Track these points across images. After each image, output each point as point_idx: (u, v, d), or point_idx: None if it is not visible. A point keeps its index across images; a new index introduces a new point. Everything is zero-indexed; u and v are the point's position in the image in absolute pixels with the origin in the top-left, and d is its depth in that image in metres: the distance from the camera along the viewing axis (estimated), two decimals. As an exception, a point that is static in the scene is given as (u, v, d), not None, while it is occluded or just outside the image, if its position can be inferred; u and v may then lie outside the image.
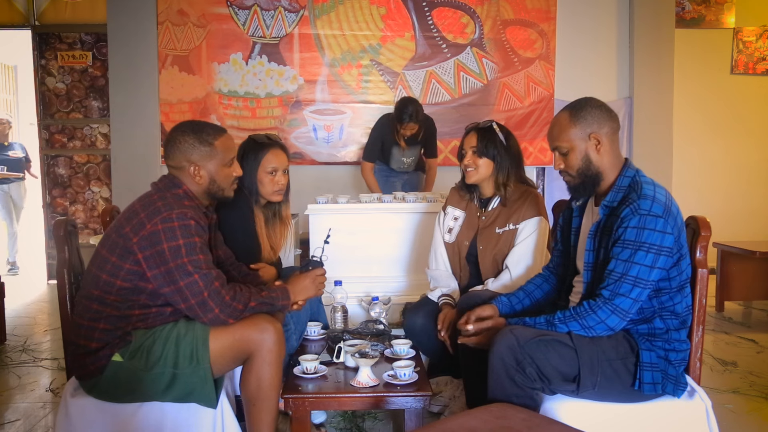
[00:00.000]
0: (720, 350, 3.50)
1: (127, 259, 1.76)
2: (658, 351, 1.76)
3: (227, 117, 5.04)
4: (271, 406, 1.87)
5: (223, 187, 1.96)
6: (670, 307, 1.77)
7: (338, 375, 2.10)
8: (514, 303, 2.11)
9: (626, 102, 5.25)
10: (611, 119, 1.84)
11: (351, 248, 3.17)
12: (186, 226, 1.76)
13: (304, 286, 2.06)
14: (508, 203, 2.41)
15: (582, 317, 1.74)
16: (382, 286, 3.12)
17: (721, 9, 5.56)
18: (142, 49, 4.98)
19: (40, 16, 5.37)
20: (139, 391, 1.80)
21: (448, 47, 5.13)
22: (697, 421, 1.78)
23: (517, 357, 1.70)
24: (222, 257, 2.18)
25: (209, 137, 1.90)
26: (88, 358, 1.79)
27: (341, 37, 5.06)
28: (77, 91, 5.43)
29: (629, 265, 1.69)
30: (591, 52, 5.30)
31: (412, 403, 1.94)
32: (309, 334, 2.47)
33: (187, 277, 1.75)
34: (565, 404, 1.76)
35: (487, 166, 2.40)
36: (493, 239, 2.42)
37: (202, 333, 1.81)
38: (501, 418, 1.45)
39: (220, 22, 5.00)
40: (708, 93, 5.62)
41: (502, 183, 2.40)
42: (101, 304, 1.79)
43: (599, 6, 5.30)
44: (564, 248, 2.07)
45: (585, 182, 1.86)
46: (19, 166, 5.93)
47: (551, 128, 1.89)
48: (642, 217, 1.69)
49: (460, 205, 2.56)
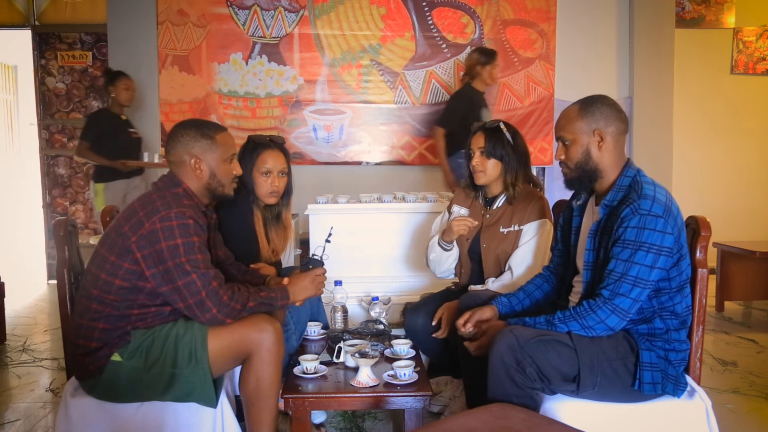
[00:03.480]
0: (720, 350, 3.50)
1: (125, 259, 1.76)
2: (658, 351, 1.76)
3: (227, 117, 5.04)
4: (270, 405, 1.87)
5: (223, 183, 1.96)
6: (670, 307, 1.77)
7: (338, 375, 2.10)
8: (514, 303, 2.11)
9: (626, 102, 5.24)
10: (620, 120, 1.85)
11: (351, 248, 3.17)
12: (184, 226, 1.76)
13: (303, 286, 2.06)
14: (514, 202, 2.42)
15: (582, 317, 1.74)
16: (382, 286, 3.13)
17: (721, 9, 5.56)
18: (142, 49, 4.99)
19: (40, 16, 5.37)
20: (138, 391, 1.80)
21: (448, 47, 5.13)
22: (697, 421, 1.78)
23: (517, 357, 1.70)
24: (221, 257, 2.18)
25: (210, 131, 1.92)
26: (87, 357, 1.79)
27: (341, 37, 5.06)
28: (77, 91, 5.43)
29: (629, 264, 1.69)
30: (591, 52, 5.30)
31: (412, 403, 1.94)
32: (309, 334, 2.47)
33: (184, 277, 1.75)
34: (565, 404, 1.76)
35: (496, 167, 2.40)
36: (497, 238, 2.42)
37: (201, 333, 1.81)
38: (501, 418, 1.45)
39: (220, 22, 5.00)
40: (708, 93, 5.62)
41: (510, 183, 2.40)
42: (100, 304, 1.79)
43: (599, 6, 5.30)
44: (564, 248, 2.07)
45: (581, 177, 1.87)
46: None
47: (559, 118, 1.91)
48: (642, 217, 1.69)
49: (465, 203, 2.56)
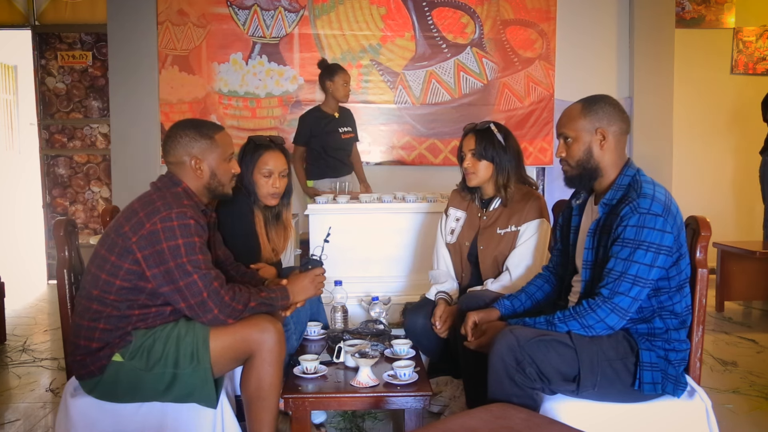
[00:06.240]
0: (720, 350, 3.50)
1: (126, 259, 1.76)
2: (657, 351, 1.76)
3: (227, 117, 5.04)
4: (271, 405, 1.87)
5: (223, 183, 1.96)
6: (670, 306, 1.77)
7: (338, 375, 2.10)
8: (516, 306, 2.12)
9: (626, 102, 5.24)
10: (622, 120, 1.85)
11: (351, 248, 3.17)
12: (185, 226, 1.76)
13: (303, 287, 2.06)
14: (509, 204, 2.41)
15: (581, 316, 1.74)
16: (382, 286, 3.12)
17: (721, 9, 5.56)
18: (142, 49, 4.98)
19: (40, 16, 5.37)
20: (139, 391, 1.80)
21: (448, 47, 5.13)
22: (697, 421, 1.78)
23: (517, 357, 1.70)
24: (221, 257, 2.18)
25: (209, 131, 1.92)
26: (88, 358, 1.79)
27: (341, 37, 5.06)
28: (77, 91, 5.43)
29: (628, 263, 1.69)
30: (591, 52, 5.30)
31: (412, 403, 1.94)
32: (309, 334, 2.47)
33: (186, 277, 1.75)
34: (565, 404, 1.76)
35: (487, 169, 2.39)
36: (494, 240, 2.41)
37: (202, 333, 1.81)
38: (501, 418, 1.45)
39: (220, 22, 5.00)
40: (708, 93, 5.62)
41: (502, 184, 2.39)
42: (101, 304, 1.79)
43: (599, 6, 5.30)
44: (563, 247, 2.07)
45: (582, 175, 1.87)
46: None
47: (561, 116, 1.91)
48: (641, 215, 1.69)
49: (461, 206, 2.56)
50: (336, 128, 4.06)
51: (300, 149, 4.04)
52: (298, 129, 4.05)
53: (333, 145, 4.05)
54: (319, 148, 4.02)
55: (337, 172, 4.08)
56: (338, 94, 3.99)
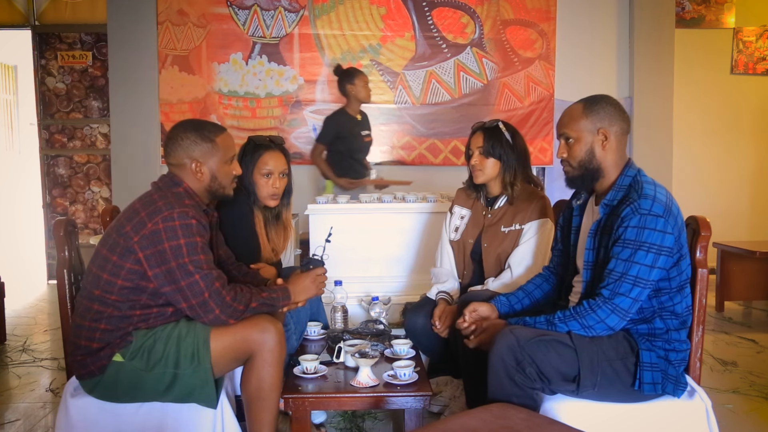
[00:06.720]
0: (720, 350, 3.50)
1: (128, 259, 1.76)
2: (658, 351, 1.76)
3: (227, 117, 5.04)
4: (271, 406, 1.87)
5: (224, 185, 1.96)
6: (670, 307, 1.77)
7: (338, 375, 2.10)
8: (514, 303, 2.12)
9: (626, 102, 5.24)
10: (623, 120, 1.85)
11: (351, 248, 3.17)
12: (187, 226, 1.76)
13: (304, 286, 2.06)
14: (515, 202, 2.42)
15: (582, 316, 1.74)
16: (382, 286, 3.13)
17: (721, 9, 5.56)
18: (142, 49, 4.98)
19: (40, 16, 5.37)
20: (139, 391, 1.80)
21: (448, 47, 5.12)
22: (697, 421, 1.78)
23: (517, 357, 1.70)
24: (223, 257, 2.18)
25: (210, 134, 1.92)
26: (88, 358, 1.79)
27: (341, 37, 5.06)
28: (77, 91, 5.43)
29: (629, 264, 1.69)
30: (591, 52, 5.30)
31: (412, 403, 1.94)
32: (309, 334, 2.47)
33: (188, 277, 1.75)
34: (565, 404, 1.76)
35: (494, 166, 2.41)
36: (498, 238, 2.42)
37: (203, 333, 1.81)
38: (501, 418, 1.45)
39: (220, 22, 5.00)
40: (708, 93, 5.61)
41: (509, 182, 2.41)
42: (102, 305, 1.79)
43: (599, 6, 5.30)
44: (564, 247, 2.07)
45: (584, 175, 1.87)
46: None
47: (562, 116, 1.90)
48: (642, 216, 1.69)
49: (466, 204, 2.57)
50: (359, 131, 4.12)
51: (321, 147, 4.07)
52: (324, 129, 4.09)
53: (356, 147, 4.11)
54: (344, 149, 4.06)
55: (357, 174, 4.12)
56: (361, 95, 4.04)
